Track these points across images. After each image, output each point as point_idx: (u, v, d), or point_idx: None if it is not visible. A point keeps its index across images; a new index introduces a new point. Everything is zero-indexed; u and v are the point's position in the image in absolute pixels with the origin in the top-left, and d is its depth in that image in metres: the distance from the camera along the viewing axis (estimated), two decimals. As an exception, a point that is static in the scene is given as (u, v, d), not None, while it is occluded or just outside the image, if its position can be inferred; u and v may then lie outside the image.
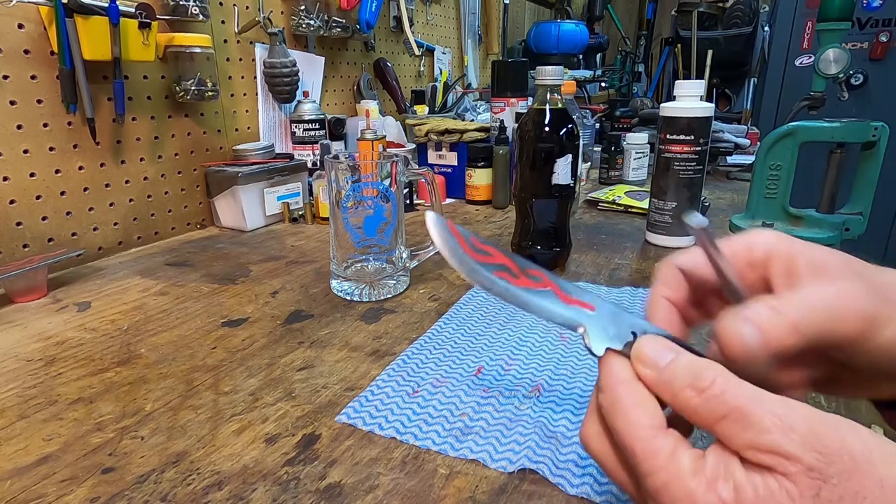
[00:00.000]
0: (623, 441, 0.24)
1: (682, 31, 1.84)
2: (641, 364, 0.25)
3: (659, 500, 0.22)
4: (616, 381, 0.25)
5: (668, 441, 0.23)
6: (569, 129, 0.64)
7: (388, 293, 0.62)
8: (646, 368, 0.25)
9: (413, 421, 0.39)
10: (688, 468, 0.22)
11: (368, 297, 0.61)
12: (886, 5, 2.02)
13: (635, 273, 0.68)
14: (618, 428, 0.24)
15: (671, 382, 0.23)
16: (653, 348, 0.25)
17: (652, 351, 0.25)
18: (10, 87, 0.67)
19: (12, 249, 0.69)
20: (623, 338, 0.26)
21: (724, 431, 0.22)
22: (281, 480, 0.34)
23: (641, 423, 0.23)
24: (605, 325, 0.27)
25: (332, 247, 0.62)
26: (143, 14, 0.73)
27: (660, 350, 0.25)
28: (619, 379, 0.25)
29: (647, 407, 0.24)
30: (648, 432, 0.23)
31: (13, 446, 0.37)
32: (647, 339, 0.25)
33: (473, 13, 1.84)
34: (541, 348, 0.50)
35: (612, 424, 0.24)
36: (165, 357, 0.49)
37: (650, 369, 0.24)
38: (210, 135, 0.93)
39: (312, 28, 1.08)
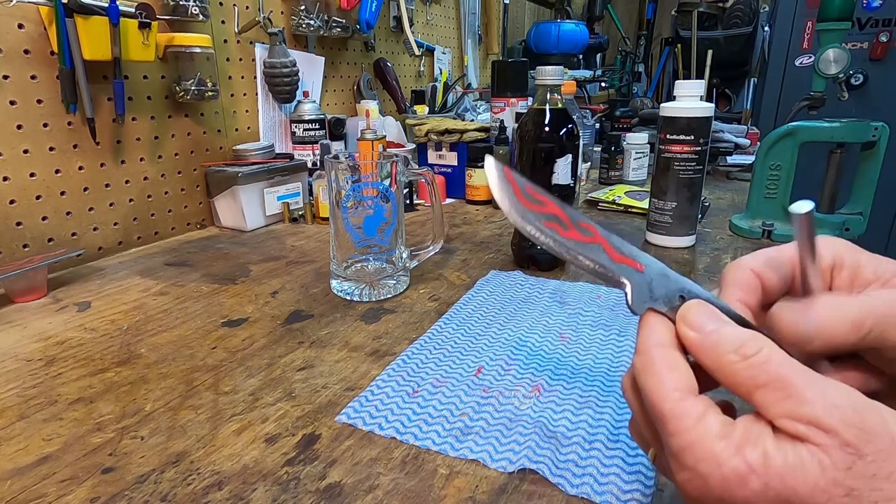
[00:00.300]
0: (652, 401, 0.23)
1: (682, 31, 1.84)
2: (686, 325, 0.24)
3: (682, 461, 0.22)
4: (652, 344, 0.25)
5: (697, 404, 0.23)
6: (569, 129, 0.64)
7: (388, 293, 0.62)
8: (691, 331, 0.24)
9: (413, 421, 0.39)
10: (715, 431, 0.22)
11: (368, 297, 0.61)
12: (886, 5, 2.02)
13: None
14: (648, 388, 0.24)
15: (716, 346, 0.23)
16: (701, 311, 0.24)
17: (699, 314, 0.24)
18: (10, 87, 0.67)
19: (12, 249, 0.69)
20: (671, 300, 0.26)
21: (763, 399, 0.21)
22: (281, 480, 0.34)
23: (672, 386, 0.23)
24: (652, 286, 0.26)
25: (332, 247, 0.62)
26: (143, 14, 0.73)
27: (708, 315, 0.24)
28: (656, 342, 0.25)
29: (680, 370, 0.24)
30: (678, 395, 0.23)
31: (13, 446, 0.37)
32: (696, 303, 0.25)
33: (473, 13, 1.84)
34: (541, 348, 0.50)
35: (643, 385, 0.24)
36: (165, 357, 0.49)
37: (695, 331, 0.24)
38: (210, 135, 0.93)
39: (312, 28, 1.08)
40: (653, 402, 0.23)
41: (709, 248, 0.77)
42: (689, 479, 0.22)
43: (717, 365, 0.23)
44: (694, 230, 0.78)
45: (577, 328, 0.53)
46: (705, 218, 0.92)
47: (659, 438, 0.24)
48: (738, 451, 0.21)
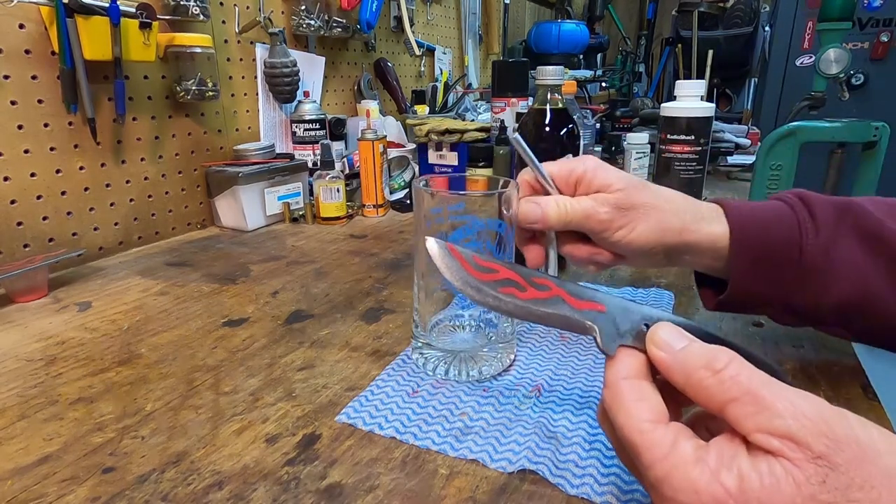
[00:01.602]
0: (624, 435, 0.24)
1: (682, 31, 1.84)
2: (655, 346, 0.25)
3: (661, 492, 0.22)
4: (619, 377, 0.25)
5: (668, 432, 0.23)
6: (569, 129, 0.64)
7: (495, 368, 0.45)
8: (660, 351, 0.25)
9: (413, 421, 0.39)
10: (690, 457, 0.22)
11: (466, 374, 0.45)
12: (887, 5, 2.02)
13: (636, 273, 0.68)
14: (619, 422, 0.24)
15: (685, 363, 0.24)
16: (668, 332, 0.26)
17: (667, 335, 0.25)
18: (11, 88, 0.67)
19: (13, 249, 0.69)
20: (635, 331, 0.27)
21: (735, 413, 0.22)
22: (281, 480, 0.34)
23: (642, 417, 0.24)
24: (616, 322, 0.27)
25: (415, 302, 0.46)
26: (144, 14, 0.73)
27: (675, 334, 0.25)
28: (623, 375, 0.25)
29: (648, 401, 0.24)
30: (648, 426, 0.23)
31: (14, 446, 0.37)
32: (662, 325, 0.26)
33: (474, 13, 1.84)
34: (541, 348, 0.50)
35: (614, 420, 0.25)
36: (166, 357, 0.49)
37: (665, 352, 0.25)
38: (210, 135, 0.93)
39: (313, 28, 1.08)
40: (624, 435, 0.24)
41: (709, 248, 0.77)
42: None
43: (687, 382, 0.24)
44: (694, 230, 0.77)
45: (577, 328, 0.53)
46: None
47: (637, 469, 0.25)
48: (714, 476, 0.21)
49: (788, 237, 0.39)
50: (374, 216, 0.98)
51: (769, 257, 0.39)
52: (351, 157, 1.09)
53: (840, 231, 0.38)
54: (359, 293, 0.63)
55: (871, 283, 0.38)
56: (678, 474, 0.22)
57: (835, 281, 0.38)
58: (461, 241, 0.41)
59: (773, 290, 0.40)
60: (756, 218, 0.40)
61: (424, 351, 0.46)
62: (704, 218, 0.40)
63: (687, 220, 0.40)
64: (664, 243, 0.40)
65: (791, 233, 0.39)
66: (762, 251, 0.39)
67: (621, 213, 0.39)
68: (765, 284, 0.40)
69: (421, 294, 0.45)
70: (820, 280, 0.39)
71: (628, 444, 0.24)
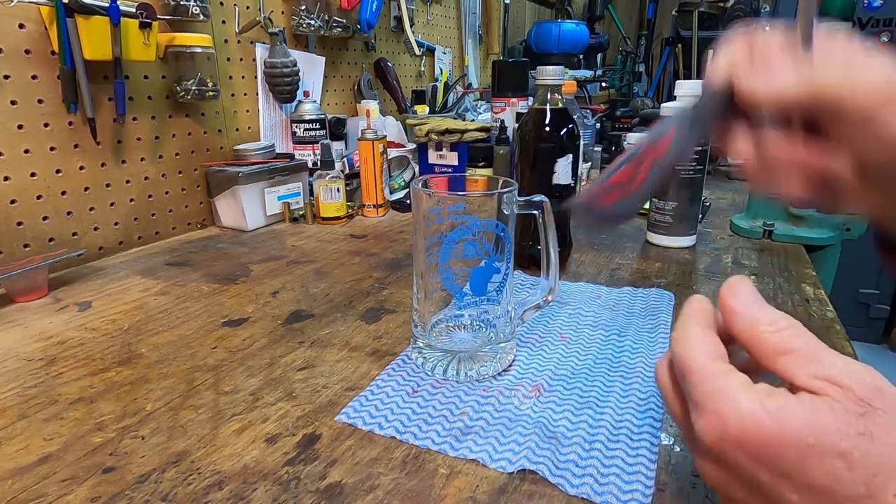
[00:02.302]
0: (682, 363, 0.25)
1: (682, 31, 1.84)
2: (731, 294, 0.26)
3: (703, 407, 0.24)
4: (691, 321, 0.27)
5: (723, 365, 0.25)
6: (569, 129, 0.64)
7: (494, 368, 0.45)
8: (735, 299, 0.26)
9: (413, 420, 0.39)
10: (738, 384, 0.23)
11: (465, 374, 0.45)
12: (887, 5, 2.02)
13: (636, 273, 0.68)
14: (679, 353, 0.26)
15: (754, 315, 0.25)
16: (747, 286, 0.26)
17: (745, 288, 0.26)
18: (11, 87, 0.67)
19: (13, 249, 0.69)
20: None
21: (787, 362, 0.23)
22: (281, 480, 0.34)
23: (703, 351, 0.25)
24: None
25: (415, 302, 0.46)
26: (144, 14, 0.73)
27: (751, 290, 0.26)
28: (695, 320, 0.27)
29: (711, 342, 0.26)
30: (706, 358, 0.25)
31: (14, 446, 0.37)
32: (743, 279, 0.26)
33: (474, 13, 1.84)
34: (541, 348, 0.50)
35: (676, 352, 0.26)
36: (166, 357, 0.49)
37: (738, 300, 0.26)
38: (210, 135, 0.93)
39: (313, 28, 1.08)
40: (683, 363, 0.25)
41: (709, 247, 0.77)
42: (708, 423, 0.23)
43: (751, 332, 0.25)
44: (695, 230, 0.78)
45: (577, 328, 0.53)
46: (706, 218, 0.92)
47: (685, 404, 0.26)
48: (758, 399, 0.23)
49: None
50: (374, 216, 0.98)
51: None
52: (351, 157, 1.09)
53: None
54: (359, 293, 0.63)
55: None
56: (725, 393, 0.23)
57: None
58: (459, 241, 0.41)
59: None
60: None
61: (424, 351, 0.46)
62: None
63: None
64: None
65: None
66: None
67: None
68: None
69: (421, 294, 0.45)
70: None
71: (685, 368, 0.25)
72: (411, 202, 0.46)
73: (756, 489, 0.23)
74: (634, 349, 0.49)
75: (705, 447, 0.24)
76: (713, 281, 0.65)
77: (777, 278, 0.66)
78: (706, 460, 0.25)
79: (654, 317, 0.55)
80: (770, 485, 0.22)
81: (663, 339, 0.50)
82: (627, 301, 0.59)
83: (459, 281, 0.43)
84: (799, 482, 0.21)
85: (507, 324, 0.46)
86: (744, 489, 0.23)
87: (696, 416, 0.24)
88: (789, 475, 0.22)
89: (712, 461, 0.24)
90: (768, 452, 0.22)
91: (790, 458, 0.21)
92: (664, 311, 0.56)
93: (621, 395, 0.42)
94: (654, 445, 0.36)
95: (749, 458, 0.22)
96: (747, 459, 0.22)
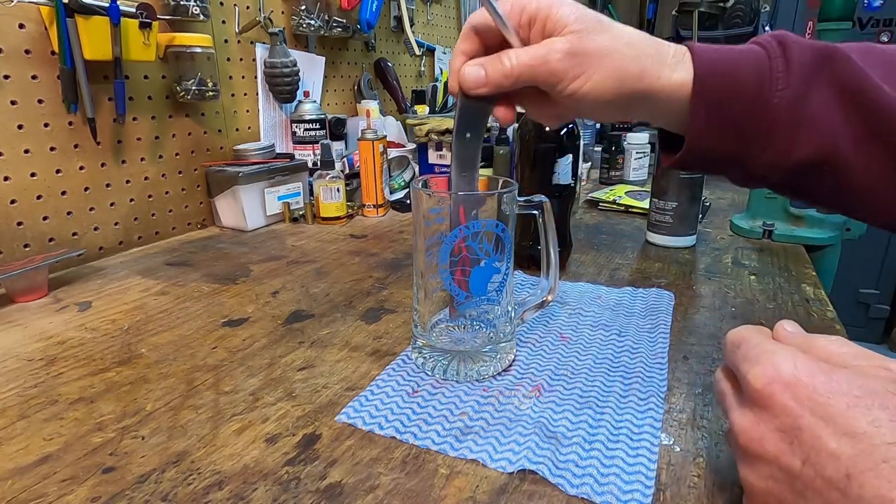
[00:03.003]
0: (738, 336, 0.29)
1: (682, 31, 1.84)
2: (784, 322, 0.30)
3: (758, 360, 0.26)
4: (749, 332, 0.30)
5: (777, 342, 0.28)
6: (569, 129, 0.64)
7: (494, 368, 0.45)
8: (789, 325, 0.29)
9: (413, 420, 0.39)
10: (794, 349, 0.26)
11: (465, 375, 0.45)
12: (887, 5, 2.02)
13: (636, 273, 0.68)
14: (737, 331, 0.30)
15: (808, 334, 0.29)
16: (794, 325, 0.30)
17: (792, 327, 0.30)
18: (11, 87, 0.67)
19: (13, 249, 0.69)
20: None
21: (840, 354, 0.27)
22: (281, 480, 0.34)
23: (759, 330, 0.29)
24: None
25: (415, 302, 0.46)
26: (144, 14, 0.73)
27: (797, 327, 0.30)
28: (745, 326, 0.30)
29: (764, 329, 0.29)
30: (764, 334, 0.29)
31: (14, 446, 0.37)
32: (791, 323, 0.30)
33: (474, 13, 1.84)
34: (541, 348, 0.50)
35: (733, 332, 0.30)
36: (166, 357, 0.49)
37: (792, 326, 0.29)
38: (210, 135, 0.93)
39: (313, 28, 1.08)
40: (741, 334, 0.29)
41: (709, 247, 0.77)
42: (762, 369, 0.25)
43: (804, 338, 0.28)
44: (695, 230, 0.78)
45: (577, 328, 0.53)
46: (706, 218, 0.92)
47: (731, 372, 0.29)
48: (813, 358, 0.25)
49: (757, 87, 0.35)
50: (374, 216, 0.98)
51: (732, 109, 0.36)
52: (351, 157, 1.09)
53: (815, 81, 0.35)
54: (359, 293, 0.63)
55: (839, 142, 0.35)
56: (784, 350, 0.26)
57: (799, 139, 0.35)
58: (459, 240, 0.41)
59: (734, 147, 0.37)
60: (724, 63, 0.36)
61: (424, 351, 0.46)
62: (668, 63, 0.36)
63: (647, 65, 0.36)
64: (623, 93, 0.36)
65: (760, 82, 0.35)
66: (725, 102, 0.36)
67: (575, 60, 0.35)
68: (724, 140, 0.37)
69: (421, 294, 0.45)
70: (783, 137, 0.36)
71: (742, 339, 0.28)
72: (411, 202, 0.46)
73: (794, 434, 0.24)
74: (634, 349, 0.49)
75: (752, 392, 0.25)
76: (713, 281, 0.65)
77: (777, 278, 0.66)
78: (746, 409, 0.26)
79: (654, 317, 0.55)
80: (811, 429, 0.23)
81: (663, 339, 0.50)
82: (627, 301, 0.59)
83: (459, 285, 0.43)
84: (842, 426, 0.22)
85: (507, 324, 0.46)
86: (778, 439, 0.24)
87: (749, 368, 0.26)
88: (834, 420, 0.23)
89: (754, 408, 0.26)
90: (817, 398, 0.23)
91: (838, 404, 0.23)
92: (664, 311, 0.56)
93: (621, 395, 0.42)
94: (654, 445, 0.36)
95: (796, 402, 0.24)
96: (795, 403, 0.24)
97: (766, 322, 0.52)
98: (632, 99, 0.37)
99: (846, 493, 0.21)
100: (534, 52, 0.36)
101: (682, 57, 0.37)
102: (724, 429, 0.38)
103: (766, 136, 0.36)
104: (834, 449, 0.22)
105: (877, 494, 0.21)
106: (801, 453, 0.23)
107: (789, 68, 0.35)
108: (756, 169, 0.38)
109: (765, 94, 0.35)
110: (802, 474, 0.23)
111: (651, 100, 0.37)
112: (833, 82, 0.35)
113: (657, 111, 0.38)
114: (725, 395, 0.29)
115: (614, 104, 0.37)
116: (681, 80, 0.36)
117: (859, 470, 0.21)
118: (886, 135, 0.34)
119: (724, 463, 0.35)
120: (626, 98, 0.36)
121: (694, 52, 0.36)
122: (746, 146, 0.37)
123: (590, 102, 0.36)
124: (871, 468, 0.21)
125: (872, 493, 0.21)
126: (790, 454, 0.24)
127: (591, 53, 0.35)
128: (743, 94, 0.36)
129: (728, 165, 0.39)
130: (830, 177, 0.36)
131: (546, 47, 0.35)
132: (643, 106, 0.38)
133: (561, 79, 0.35)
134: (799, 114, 0.35)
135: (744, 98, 0.36)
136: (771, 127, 0.36)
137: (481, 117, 0.40)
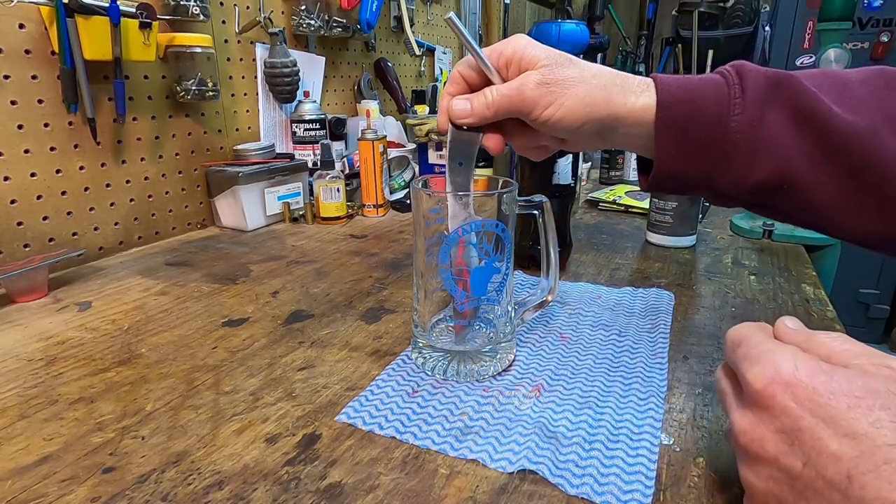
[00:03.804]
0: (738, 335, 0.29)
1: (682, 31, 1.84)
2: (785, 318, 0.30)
3: (758, 360, 0.26)
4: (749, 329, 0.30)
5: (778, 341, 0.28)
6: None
7: (494, 368, 0.45)
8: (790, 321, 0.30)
9: (413, 420, 0.39)
10: (794, 348, 0.26)
11: (465, 375, 0.45)
12: (887, 5, 2.02)
13: (636, 273, 0.68)
14: (736, 329, 0.30)
15: (810, 331, 0.28)
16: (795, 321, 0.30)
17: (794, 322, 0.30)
18: (11, 87, 0.67)
19: (13, 249, 0.69)
20: None
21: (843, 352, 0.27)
22: (281, 480, 0.34)
23: (759, 328, 0.29)
24: None
25: (415, 302, 0.46)
26: (144, 14, 0.73)
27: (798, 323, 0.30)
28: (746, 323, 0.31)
29: (765, 326, 0.30)
30: (765, 332, 0.29)
31: (14, 446, 0.37)
32: (792, 319, 0.30)
33: (474, 13, 1.84)
34: (541, 348, 0.50)
35: (732, 330, 0.30)
36: (166, 357, 0.49)
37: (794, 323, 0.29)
38: (210, 135, 0.93)
39: (313, 28, 1.08)
40: (741, 333, 0.29)
41: (709, 247, 0.77)
42: (763, 368, 0.25)
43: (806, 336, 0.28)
44: (695, 230, 0.78)
45: (577, 328, 0.53)
46: (706, 218, 0.92)
47: (732, 371, 0.29)
48: (813, 357, 0.25)
49: (717, 113, 0.37)
50: (374, 216, 0.98)
51: (694, 134, 0.38)
52: (351, 157, 1.09)
53: (770, 106, 0.37)
54: (359, 293, 0.63)
55: (795, 163, 0.36)
56: (783, 349, 0.26)
57: (757, 161, 0.37)
58: (459, 240, 0.42)
59: (699, 170, 0.39)
60: (685, 91, 0.38)
61: (424, 351, 0.46)
62: (633, 91, 0.39)
63: (614, 93, 0.39)
64: (592, 117, 0.39)
65: (720, 108, 0.37)
66: (687, 127, 0.38)
67: (547, 89, 0.38)
68: (689, 163, 0.39)
69: (421, 294, 0.45)
70: (743, 159, 0.37)
71: (742, 337, 0.28)
72: (411, 202, 0.46)
73: (795, 436, 0.24)
74: (634, 349, 0.49)
75: (752, 392, 0.25)
76: (713, 281, 0.65)
77: (777, 278, 0.66)
78: (746, 409, 0.26)
79: (654, 317, 0.55)
80: (812, 430, 0.23)
81: (663, 339, 0.50)
82: (627, 301, 0.59)
83: (459, 285, 0.43)
84: (843, 427, 0.22)
85: (507, 324, 0.46)
86: (779, 440, 0.24)
87: (749, 367, 0.26)
88: (835, 421, 0.23)
89: (754, 409, 0.25)
90: (817, 398, 0.23)
91: (838, 405, 0.23)
92: (664, 311, 0.56)
93: (621, 395, 0.42)
94: (654, 445, 0.36)
95: (797, 402, 0.24)
96: (795, 404, 0.24)
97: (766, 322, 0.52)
98: (602, 124, 0.40)
99: (847, 494, 0.21)
100: (511, 84, 0.40)
101: (647, 87, 0.39)
102: (724, 429, 0.38)
103: (726, 159, 0.38)
104: (835, 450, 0.22)
105: (878, 496, 0.21)
106: (801, 454, 0.23)
107: (745, 94, 0.37)
108: (723, 190, 0.40)
109: (724, 119, 0.37)
110: (803, 475, 0.23)
111: (619, 125, 0.40)
112: (787, 106, 0.37)
113: (627, 137, 0.41)
114: (725, 395, 0.29)
115: (587, 130, 0.40)
116: (645, 105, 0.39)
117: (860, 471, 0.21)
118: (839, 155, 0.36)
119: (724, 463, 0.35)
120: (596, 123, 0.39)
121: (658, 81, 0.39)
122: (711, 169, 0.39)
123: (564, 128, 0.40)
124: (872, 469, 0.21)
125: (873, 495, 0.21)
126: (791, 455, 0.24)
127: (560, 82, 0.39)
128: (704, 120, 0.38)
129: (697, 187, 0.41)
130: (790, 196, 0.38)
131: (521, 80, 0.39)
132: (614, 132, 0.41)
133: (534, 106, 0.39)
134: (755, 137, 0.37)
135: (705, 124, 0.38)
136: (730, 151, 0.38)
137: (470, 147, 0.43)
